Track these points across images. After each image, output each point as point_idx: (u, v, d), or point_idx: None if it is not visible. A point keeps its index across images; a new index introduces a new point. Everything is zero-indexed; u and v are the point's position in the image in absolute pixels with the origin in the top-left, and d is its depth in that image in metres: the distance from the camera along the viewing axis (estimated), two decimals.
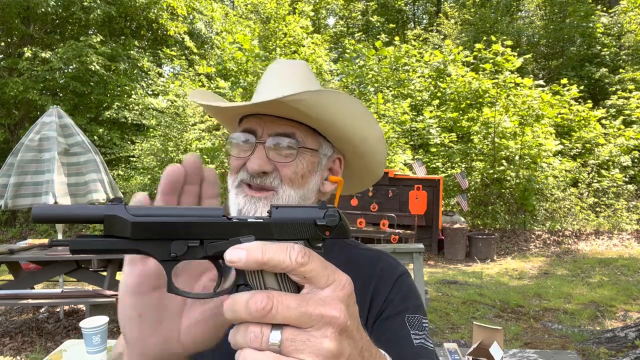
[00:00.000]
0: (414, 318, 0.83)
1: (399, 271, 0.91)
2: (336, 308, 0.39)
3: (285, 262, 0.38)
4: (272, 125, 0.87)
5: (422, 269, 4.71)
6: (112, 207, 0.42)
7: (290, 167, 0.85)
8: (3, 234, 11.88)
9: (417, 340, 0.80)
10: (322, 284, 0.39)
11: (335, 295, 0.39)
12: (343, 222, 0.44)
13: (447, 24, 20.42)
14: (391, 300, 0.85)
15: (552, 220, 11.00)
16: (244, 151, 0.87)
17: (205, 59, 16.03)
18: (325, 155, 0.92)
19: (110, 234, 0.42)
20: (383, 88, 13.91)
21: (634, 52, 15.62)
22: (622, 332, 4.21)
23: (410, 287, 0.89)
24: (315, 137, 0.90)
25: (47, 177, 4.66)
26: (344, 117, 0.86)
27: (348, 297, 0.40)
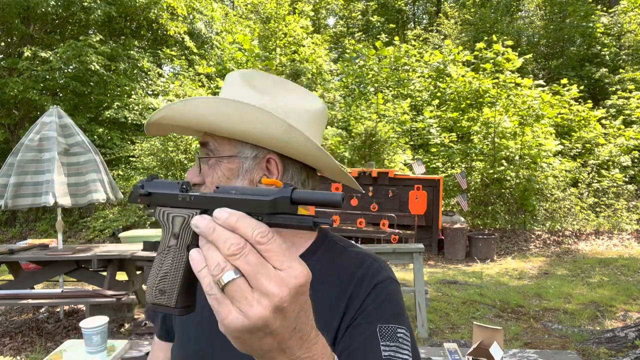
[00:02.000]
0: (388, 328, 0.79)
1: (379, 277, 0.86)
2: (280, 287, 0.44)
3: (247, 234, 0.46)
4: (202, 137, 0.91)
5: (422, 269, 4.71)
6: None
7: (211, 175, 0.88)
8: (3, 234, 11.88)
9: (386, 352, 0.76)
10: (275, 265, 0.45)
11: (286, 279, 0.45)
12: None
13: (447, 24, 20.42)
14: (365, 309, 0.81)
15: (552, 220, 11.00)
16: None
17: (205, 59, 16.03)
18: (247, 158, 0.87)
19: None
20: (383, 88, 13.91)
21: (634, 52, 15.62)
22: (622, 332, 4.21)
23: (388, 295, 0.84)
24: (231, 143, 0.87)
25: (47, 177, 4.66)
26: (221, 118, 0.81)
27: (298, 287, 0.45)
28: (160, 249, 0.55)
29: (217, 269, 0.45)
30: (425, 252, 7.90)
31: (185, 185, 0.57)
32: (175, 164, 11.39)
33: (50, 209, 10.71)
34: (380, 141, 11.46)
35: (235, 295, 0.45)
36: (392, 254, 4.80)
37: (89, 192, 4.86)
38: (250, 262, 0.45)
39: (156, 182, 0.60)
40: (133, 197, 0.61)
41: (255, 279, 0.44)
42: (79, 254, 4.61)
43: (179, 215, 0.55)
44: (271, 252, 0.45)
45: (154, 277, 0.54)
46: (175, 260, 0.54)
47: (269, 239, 0.46)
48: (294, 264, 0.46)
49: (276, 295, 0.44)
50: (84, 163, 4.97)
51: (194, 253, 0.48)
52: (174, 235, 0.54)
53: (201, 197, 0.55)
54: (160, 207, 0.57)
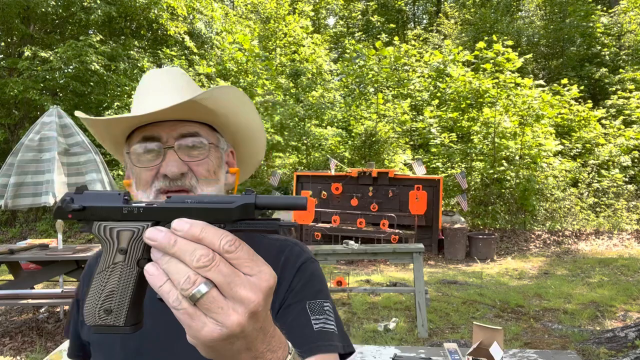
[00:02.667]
0: (315, 304, 0.85)
1: (302, 259, 0.91)
2: (255, 293, 0.45)
3: (215, 244, 0.45)
4: (173, 128, 0.87)
5: (422, 269, 4.71)
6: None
7: (203, 164, 0.88)
8: (3, 234, 11.88)
9: (317, 325, 0.82)
10: (245, 271, 0.46)
11: (258, 283, 0.46)
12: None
13: (447, 24, 20.43)
14: (292, 289, 0.86)
15: (552, 220, 11.00)
16: (151, 161, 0.87)
17: (205, 59, 16.03)
18: (223, 149, 0.96)
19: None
20: (383, 88, 13.91)
21: (634, 52, 15.62)
22: (622, 332, 4.21)
23: (312, 274, 0.90)
24: (213, 133, 0.93)
25: (47, 177, 4.66)
26: (238, 109, 0.93)
27: (268, 289, 0.47)
28: (101, 267, 0.52)
29: (187, 282, 0.44)
30: (425, 252, 7.90)
31: (126, 196, 0.53)
32: None
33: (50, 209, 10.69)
34: (380, 141, 11.47)
35: (210, 307, 0.44)
36: (392, 254, 4.80)
37: None
38: (223, 272, 0.44)
39: (89, 194, 0.54)
40: (60, 213, 0.54)
41: (229, 288, 0.44)
42: (79, 254, 4.61)
43: (126, 229, 0.51)
44: (240, 259, 0.46)
45: (96, 297, 0.51)
46: (123, 276, 0.51)
47: (237, 247, 0.46)
48: (263, 268, 0.47)
49: (253, 301, 0.45)
50: (84, 163, 4.97)
51: (151, 268, 0.46)
52: (120, 250, 0.51)
53: (153, 208, 0.51)
54: (99, 222, 0.53)
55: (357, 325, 4.89)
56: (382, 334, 4.59)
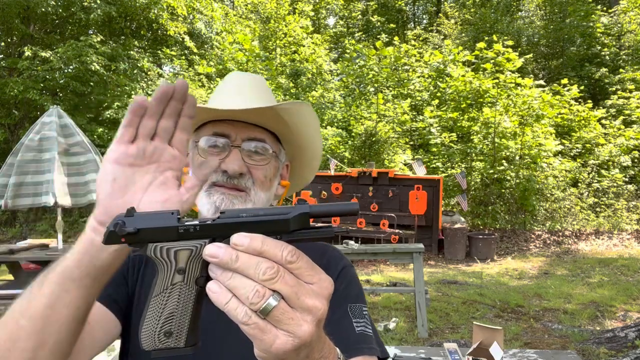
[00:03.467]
0: (355, 307, 0.89)
1: (343, 262, 0.96)
2: (321, 301, 0.47)
3: (277, 256, 0.45)
4: (244, 130, 0.91)
5: (422, 269, 4.71)
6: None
7: (262, 170, 0.91)
8: (3, 234, 11.88)
9: (358, 328, 0.85)
10: (306, 280, 0.47)
11: (320, 291, 0.47)
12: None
13: (447, 24, 20.42)
14: (336, 290, 0.87)
15: (552, 220, 10.99)
16: (216, 154, 0.90)
17: (205, 59, 16.03)
18: (281, 162, 0.99)
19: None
20: (383, 88, 13.91)
21: (634, 52, 15.61)
22: (622, 332, 4.21)
23: (352, 278, 0.95)
24: (276, 144, 0.97)
25: (47, 177, 4.66)
26: (308, 127, 0.97)
27: (329, 296, 0.48)
28: (158, 290, 0.51)
29: (257, 296, 0.44)
30: (425, 252, 7.90)
31: (178, 214, 0.52)
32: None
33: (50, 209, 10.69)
34: (380, 141, 11.47)
35: (282, 319, 0.44)
36: (392, 254, 4.80)
37: (89, 192, 4.86)
38: (289, 283, 0.45)
39: (140, 215, 0.52)
40: (114, 238, 0.51)
41: (297, 298, 0.45)
42: None
43: (184, 249, 0.50)
44: (302, 268, 0.46)
45: (155, 321, 0.50)
46: (182, 297, 0.50)
47: (297, 257, 0.46)
48: (322, 276, 0.48)
49: (320, 308, 0.46)
50: (84, 163, 4.96)
51: (213, 286, 0.46)
52: (179, 270, 0.50)
53: (209, 225, 0.50)
54: (154, 244, 0.51)
55: None
56: (382, 334, 4.59)
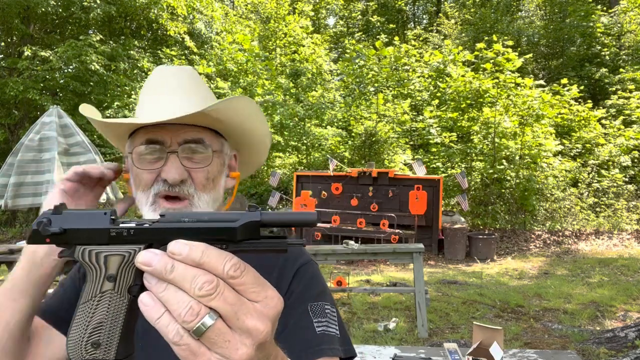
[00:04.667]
0: (316, 306, 0.84)
1: (300, 260, 0.91)
2: (264, 323, 0.41)
3: (218, 269, 0.40)
4: (178, 133, 0.85)
5: (422, 269, 4.71)
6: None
7: (202, 172, 0.86)
8: (3, 234, 11.88)
9: (319, 328, 0.81)
10: (251, 298, 0.41)
11: (265, 311, 0.42)
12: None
13: (447, 24, 20.42)
14: (292, 291, 0.85)
15: (552, 220, 11.00)
16: (152, 163, 0.85)
17: (205, 59, 16.03)
18: (227, 155, 0.95)
19: None
20: (383, 88, 13.91)
21: (634, 52, 15.62)
22: (622, 332, 4.21)
23: (312, 276, 0.89)
24: (217, 138, 0.91)
25: (47, 177, 4.66)
26: (247, 119, 0.91)
27: (276, 316, 0.43)
28: (86, 296, 0.46)
29: (191, 314, 0.39)
30: (425, 252, 7.90)
31: (113, 215, 0.47)
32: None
33: None
34: (380, 141, 11.47)
35: (216, 341, 0.40)
36: (392, 254, 4.80)
37: None
38: (228, 301, 0.40)
39: (70, 214, 0.47)
40: (37, 238, 0.46)
41: (236, 319, 0.40)
42: None
43: (116, 254, 0.45)
44: (246, 284, 0.41)
45: (81, 330, 0.45)
46: (112, 306, 0.45)
47: (242, 271, 0.41)
48: (269, 293, 0.43)
49: (261, 331, 0.41)
50: (84, 163, 4.96)
51: (145, 298, 0.41)
52: (109, 277, 0.45)
53: (145, 229, 0.45)
54: (82, 246, 0.46)
55: (357, 325, 4.89)
56: (382, 334, 4.59)
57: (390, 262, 8.27)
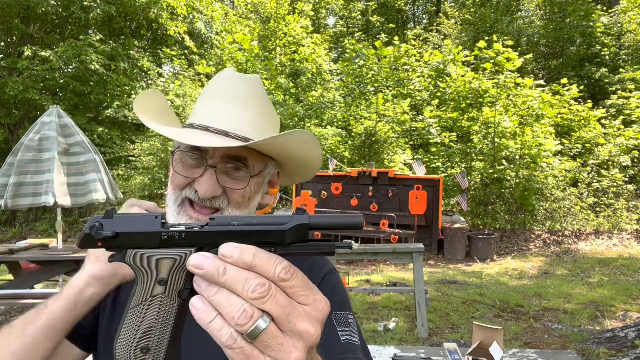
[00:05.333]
0: (340, 315, 0.85)
1: (326, 269, 0.92)
2: (314, 326, 0.41)
3: (269, 272, 0.40)
4: (223, 148, 0.84)
5: (422, 269, 4.71)
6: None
7: (239, 192, 0.85)
8: (3, 234, 11.88)
9: (344, 337, 0.82)
10: (300, 301, 0.42)
11: (314, 314, 0.42)
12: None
13: (447, 24, 20.42)
14: None
15: (552, 220, 10.99)
16: (189, 169, 0.85)
17: (205, 59, 16.03)
18: (269, 173, 0.93)
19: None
20: (383, 88, 13.91)
21: (634, 52, 15.61)
22: (622, 332, 4.21)
23: (336, 285, 0.91)
24: (262, 159, 0.90)
25: (47, 177, 4.66)
26: (299, 152, 0.89)
27: (324, 319, 0.43)
28: (136, 301, 0.46)
29: (244, 317, 0.39)
30: (425, 252, 7.90)
31: (163, 219, 0.47)
32: None
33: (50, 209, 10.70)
34: (380, 141, 11.46)
35: (270, 344, 0.39)
36: (392, 254, 4.80)
37: (89, 192, 4.86)
38: (281, 304, 0.40)
39: (120, 218, 0.48)
40: (89, 242, 0.47)
41: (288, 322, 0.40)
42: (79, 254, 4.61)
43: (167, 257, 0.46)
44: (296, 287, 0.41)
45: (131, 335, 0.45)
46: (163, 311, 0.45)
47: (292, 274, 0.41)
48: (318, 297, 0.43)
49: (312, 334, 0.41)
50: (84, 163, 4.97)
51: (197, 302, 0.41)
52: (160, 281, 0.45)
53: (196, 233, 0.46)
54: (134, 251, 0.47)
55: None
56: (382, 334, 4.59)
57: (390, 262, 8.27)
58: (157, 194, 11.48)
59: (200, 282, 0.42)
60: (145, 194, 11.44)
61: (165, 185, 11.55)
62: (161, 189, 11.47)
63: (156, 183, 11.52)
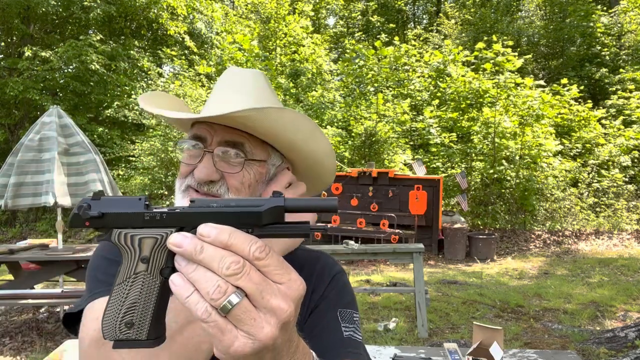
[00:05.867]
0: (346, 312, 0.89)
1: (335, 269, 0.97)
2: (287, 303, 0.44)
3: (244, 251, 0.43)
4: (222, 133, 0.86)
5: (422, 269, 4.71)
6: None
7: (236, 177, 0.86)
8: (3, 234, 11.88)
9: (346, 332, 0.85)
10: (275, 279, 0.44)
11: (288, 292, 0.44)
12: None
13: (447, 24, 20.43)
14: (326, 297, 0.91)
15: (552, 220, 10.99)
16: (192, 157, 0.87)
17: (205, 59, 16.03)
18: (274, 165, 0.92)
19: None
20: (383, 88, 13.91)
21: (634, 52, 15.61)
22: (622, 332, 4.21)
23: (345, 284, 0.96)
24: (264, 148, 0.90)
25: (47, 177, 4.66)
26: (289, 131, 0.87)
27: (299, 298, 0.45)
28: (121, 277, 0.49)
29: (218, 292, 0.41)
30: (425, 252, 7.90)
31: (147, 201, 0.51)
32: (176, 164, 11.39)
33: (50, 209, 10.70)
34: (380, 141, 11.46)
35: (242, 318, 0.42)
36: (392, 254, 4.80)
37: (89, 192, 4.86)
38: (254, 280, 0.42)
39: (107, 200, 0.51)
40: (77, 221, 0.50)
41: (261, 297, 0.43)
42: (79, 254, 4.61)
43: (149, 237, 0.49)
44: (270, 266, 0.44)
45: (116, 310, 0.48)
46: (145, 287, 0.48)
47: (267, 253, 0.44)
48: (292, 276, 0.45)
49: (285, 310, 0.43)
50: (84, 163, 4.96)
51: (176, 278, 0.44)
52: (142, 259, 0.48)
53: (176, 213, 0.49)
54: (118, 230, 0.50)
55: None
56: (382, 334, 4.59)
57: (390, 262, 8.27)
58: (157, 194, 11.47)
59: (180, 260, 0.44)
60: (146, 194, 11.44)
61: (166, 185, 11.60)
62: (161, 189, 11.47)
63: (156, 183, 11.52)
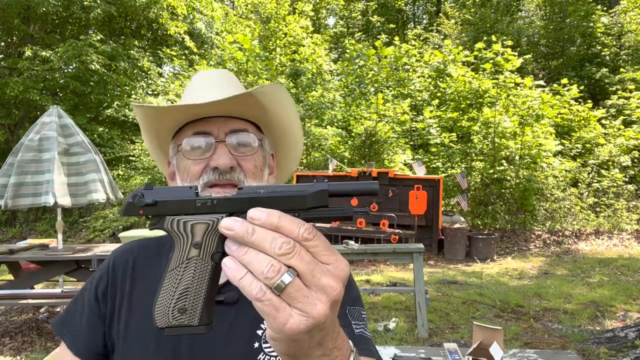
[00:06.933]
0: (354, 310, 0.89)
1: None
2: (337, 282, 0.45)
3: (294, 232, 0.44)
4: (224, 124, 0.89)
5: (422, 269, 4.71)
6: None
7: (250, 160, 0.89)
8: (3, 234, 11.88)
9: (357, 330, 0.86)
10: (323, 260, 0.45)
11: (336, 272, 0.46)
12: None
13: (447, 24, 20.42)
14: None
15: (552, 220, 10.99)
16: (201, 154, 0.88)
17: (205, 59, 16.03)
18: (267, 151, 0.97)
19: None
20: (383, 88, 13.91)
21: (634, 52, 15.61)
22: (622, 332, 4.21)
23: (351, 281, 0.94)
24: (259, 133, 0.95)
25: (47, 177, 4.66)
26: (286, 108, 0.94)
27: (345, 278, 0.46)
28: (173, 264, 0.50)
29: (272, 270, 0.43)
30: (425, 252, 7.90)
31: (196, 189, 0.53)
32: None
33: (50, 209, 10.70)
34: (380, 141, 11.46)
35: (296, 296, 0.43)
36: (392, 254, 4.80)
37: (89, 192, 4.86)
38: (305, 260, 0.44)
39: (159, 189, 0.53)
40: (131, 209, 0.53)
41: (312, 276, 0.44)
42: (79, 254, 4.61)
43: (201, 222, 0.50)
44: (318, 247, 0.45)
45: (169, 296, 0.49)
46: (198, 272, 0.49)
47: (315, 235, 0.45)
48: (338, 257, 0.47)
49: (335, 289, 0.45)
50: (84, 163, 4.96)
51: (229, 261, 0.45)
52: (195, 245, 0.50)
53: (227, 199, 0.51)
54: (171, 217, 0.52)
55: None
56: (382, 334, 4.59)
57: (390, 262, 8.27)
58: None
59: (231, 244, 0.46)
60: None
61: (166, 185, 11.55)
62: None
63: (156, 183, 11.52)
